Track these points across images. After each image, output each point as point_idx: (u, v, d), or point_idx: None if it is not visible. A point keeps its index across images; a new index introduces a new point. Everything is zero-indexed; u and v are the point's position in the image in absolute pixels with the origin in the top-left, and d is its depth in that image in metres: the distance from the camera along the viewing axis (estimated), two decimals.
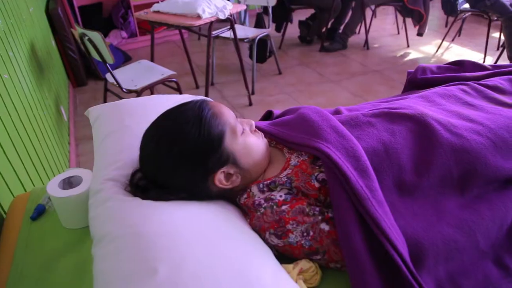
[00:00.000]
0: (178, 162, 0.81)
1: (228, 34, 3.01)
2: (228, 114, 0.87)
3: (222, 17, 2.69)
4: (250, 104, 3.08)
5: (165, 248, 0.67)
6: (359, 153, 0.85)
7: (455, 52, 4.00)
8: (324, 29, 4.08)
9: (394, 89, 3.15)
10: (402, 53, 4.01)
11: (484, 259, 0.87)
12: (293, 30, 4.49)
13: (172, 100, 1.15)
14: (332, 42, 4.10)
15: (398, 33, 4.52)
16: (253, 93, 3.24)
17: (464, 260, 0.85)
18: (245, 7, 3.02)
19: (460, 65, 1.58)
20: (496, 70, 1.46)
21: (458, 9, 3.76)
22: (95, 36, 2.29)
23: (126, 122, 1.06)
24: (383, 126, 0.97)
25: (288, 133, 0.94)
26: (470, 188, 0.94)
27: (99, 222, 0.80)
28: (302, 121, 0.95)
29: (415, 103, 1.13)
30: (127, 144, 0.98)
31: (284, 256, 0.83)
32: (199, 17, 2.60)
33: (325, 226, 0.79)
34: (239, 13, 4.50)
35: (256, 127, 0.97)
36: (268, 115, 1.20)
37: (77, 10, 4.00)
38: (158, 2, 2.91)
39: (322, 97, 3.15)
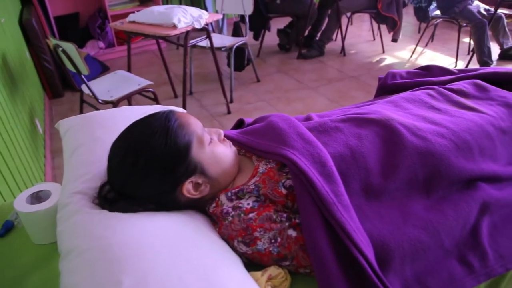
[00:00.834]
0: (145, 173, 0.82)
1: (205, 43, 3.03)
2: (195, 124, 0.88)
3: (198, 26, 2.70)
4: (229, 112, 3.09)
5: (132, 260, 0.67)
6: (325, 158, 0.86)
7: (429, 57, 4.10)
8: (301, 37, 4.14)
9: (370, 94, 3.21)
10: (377, 58, 4.09)
11: (449, 257, 0.90)
12: (271, 38, 4.53)
13: (143, 111, 1.14)
14: (310, 49, 4.15)
15: (374, 39, 4.61)
16: (231, 101, 3.25)
17: (430, 260, 0.87)
18: (221, 16, 3.04)
19: (428, 70, 1.63)
20: (462, 74, 1.50)
21: (430, 16, 3.87)
22: (69, 47, 2.28)
23: (96, 134, 1.06)
24: (350, 131, 0.99)
25: (256, 141, 0.95)
26: (435, 190, 0.97)
27: (66, 236, 0.79)
28: (270, 129, 0.97)
29: (382, 108, 1.16)
30: (96, 156, 0.98)
31: (253, 263, 0.84)
32: (175, 26, 2.61)
33: (292, 232, 0.80)
34: (218, 22, 4.52)
35: (225, 136, 0.98)
36: (239, 124, 1.21)
37: (52, 20, 3.96)
38: (134, 12, 2.91)
39: (300, 103, 3.18)
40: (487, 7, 3.73)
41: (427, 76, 1.59)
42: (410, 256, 0.85)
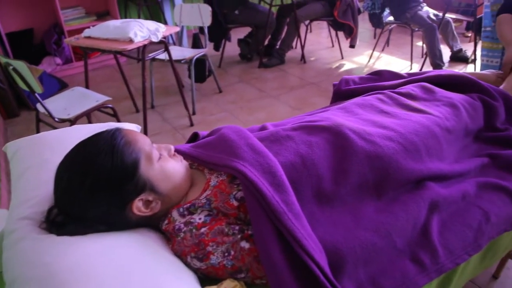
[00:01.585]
0: (93, 194, 0.80)
1: (164, 56, 3.00)
2: (142, 141, 0.87)
3: (155, 40, 2.68)
4: (192, 124, 3.08)
5: (77, 285, 0.65)
6: (275, 168, 0.87)
7: (385, 61, 4.24)
8: (261, 46, 4.18)
9: (330, 100, 3.27)
10: (337, 64, 4.18)
11: (401, 257, 0.92)
12: (232, 48, 4.55)
13: (93, 130, 1.12)
14: (270, 58, 4.20)
15: (333, 46, 4.72)
16: (194, 113, 3.23)
17: (383, 261, 0.90)
18: (178, 29, 3.03)
19: (379, 74, 1.69)
20: (410, 78, 1.57)
21: (384, 21, 4.00)
22: (20, 65, 2.20)
23: (44, 156, 1.03)
24: (301, 139, 1.01)
25: (208, 154, 0.95)
26: (385, 192, 1.00)
27: (12, 264, 0.77)
28: (222, 141, 0.97)
29: (333, 115, 1.19)
30: (44, 179, 0.95)
31: (209, 278, 0.83)
32: (131, 41, 2.58)
33: (245, 244, 0.81)
34: (178, 34, 4.50)
35: (177, 150, 0.98)
36: (194, 137, 1.21)
37: (4, 37, 3.83)
38: (90, 27, 2.85)
39: (262, 112, 3.20)
40: (436, 12, 3.90)
41: (378, 80, 1.64)
42: (363, 259, 0.86)
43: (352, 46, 4.21)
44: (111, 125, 1.10)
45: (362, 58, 4.33)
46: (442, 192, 1.05)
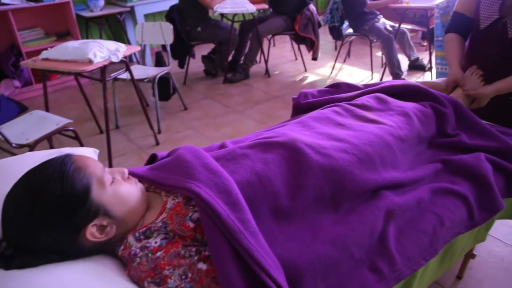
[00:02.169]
0: (43, 223, 0.78)
1: (126, 75, 2.97)
2: (94, 166, 0.85)
3: (115, 60, 2.65)
4: (157, 143, 3.05)
5: None
6: (230, 187, 0.88)
7: (347, 72, 4.35)
8: (225, 62, 4.21)
9: None
10: (300, 77, 4.26)
11: (360, 267, 0.94)
12: (196, 65, 4.56)
13: (47, 156, 1.10)
14: (235, 73, 4.23)
15: (296, 59, 4.81)
16: (159, 132, 3.20)
17: (342, 273, 0.91)
18: (138, 48, 3.02)
19: (337, 87, 1.73)
20: (366, 89, 1.62)
21: (344, 34, 4.12)
22: None
23: None
24: (257, 156, 1.02)
25: (163, 176, 0.95)
26: (342, 204, 1.02)
27: None
28: (178, 162, 0.97)
29: (290, 130, 1.21)
30: None
31: None
32: (90, 62, 2.54)
33: (202, 266, 0.80)
34: (142, 52, 4.47)
35: (132, 173, 0.97)
36: (153, 159, 1.20)
37: None
38: (47, 49, 2.79)
39: (229, 127, 3.21)
40: (392, 23, 4.06)
41: (336, 93, 1.69)
42: (322, 273, 0.87)
43: (314, 58, 4.31)
44: (64, 151, 1.08)
45: (325, 70, 4.43)
46: (397, 200, 1.08)
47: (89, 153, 1.18)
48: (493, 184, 1.22)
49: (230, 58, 4.34)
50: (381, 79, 4.03)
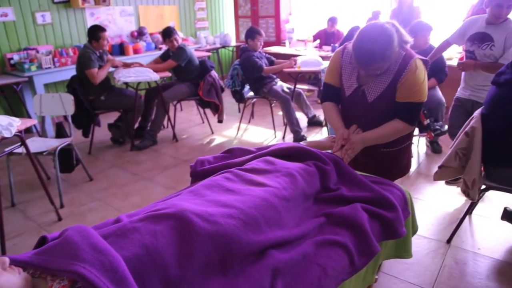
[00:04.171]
0: None
1: (21, 150, 2.84)
2: None
3: (8, 135, 2.53)
4: (60, 219, 2.89)
5: None
6: (116, 265, 0.90)
7: (252, 131, 4.60)
8: (132, 129, 4.21)
9: None
10: (208, 140, 4.40)
11: None
12: (102, 133, 4.49)
13: None
14: (143, 140, 4.23)
15: (203, 122, 4.97)
16: (62, 206, 3.05)
17: None
18: (35, 121, 2.93)
19: (231, 152, 1.86)
20: (258, 153, 1.76)
21: (245, 97, 4.40)
22: None
23: None
24: (146, 229, 1.06)
25: (49, 260, 0.94)
26: (231, 267, 1.09)
27: None
28: (64, 244, 0.97)
29: (182, 200, 1.27)
30: None
31: None
32: None
33: None
34: (41, 124, 4.30)
35: (16, 260, 0.94)
36: (42, 241, 1.17)
37: None
38: None
39: (137, 196, 3.17)
40: (288, 85, 4.45)
41: (230, 158, 1.81)
42: None
43: (220, 121, 4.50)
44: None
45: (231, 131, 4.63)
46: (283, 257, 1.17)
47: None
48: (368, 231, 1.38)
49: (137, 125, 4.36)
50: (283, 137, 4.33)
